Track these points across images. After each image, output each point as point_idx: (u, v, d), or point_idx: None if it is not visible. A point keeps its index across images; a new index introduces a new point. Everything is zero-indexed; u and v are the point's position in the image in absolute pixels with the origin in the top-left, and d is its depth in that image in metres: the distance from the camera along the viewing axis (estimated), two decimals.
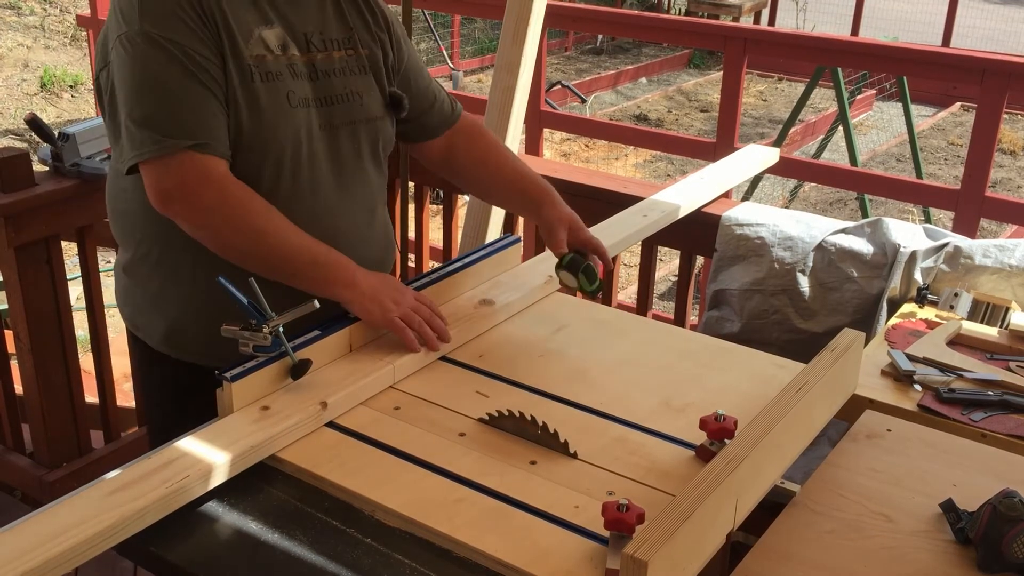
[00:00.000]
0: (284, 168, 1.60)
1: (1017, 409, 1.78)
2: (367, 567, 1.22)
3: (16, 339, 2.57)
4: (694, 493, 1.16)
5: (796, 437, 1.41)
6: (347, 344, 1.61)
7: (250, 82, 1.56)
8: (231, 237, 1.54)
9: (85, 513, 1.22)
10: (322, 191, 1.66)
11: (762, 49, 3.70)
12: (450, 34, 9.31)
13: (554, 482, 1.35)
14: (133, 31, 1.49)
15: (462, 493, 1.32)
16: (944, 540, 1.29)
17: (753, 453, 1.25)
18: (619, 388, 1.59)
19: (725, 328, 2.65)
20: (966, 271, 2.33)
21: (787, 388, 1.39)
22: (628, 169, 7.29)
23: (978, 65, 3.22)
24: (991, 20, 11.54)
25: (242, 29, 1.56)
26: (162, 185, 1.51)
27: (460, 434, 1.46)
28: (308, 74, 1.64)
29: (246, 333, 1.46)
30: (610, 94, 9.25)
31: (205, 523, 1.31)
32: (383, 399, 1.55)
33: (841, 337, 1.55)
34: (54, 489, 2.60)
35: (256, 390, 1.47)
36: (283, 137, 1.59)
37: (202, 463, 1.32)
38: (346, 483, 1.34)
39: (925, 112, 8.55)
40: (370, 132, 1.73)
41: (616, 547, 1.17)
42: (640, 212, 2.45)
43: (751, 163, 2.96)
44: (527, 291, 1.87)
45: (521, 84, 2.65)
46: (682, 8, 10.85)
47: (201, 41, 1.51)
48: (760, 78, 9.62)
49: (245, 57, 1.56)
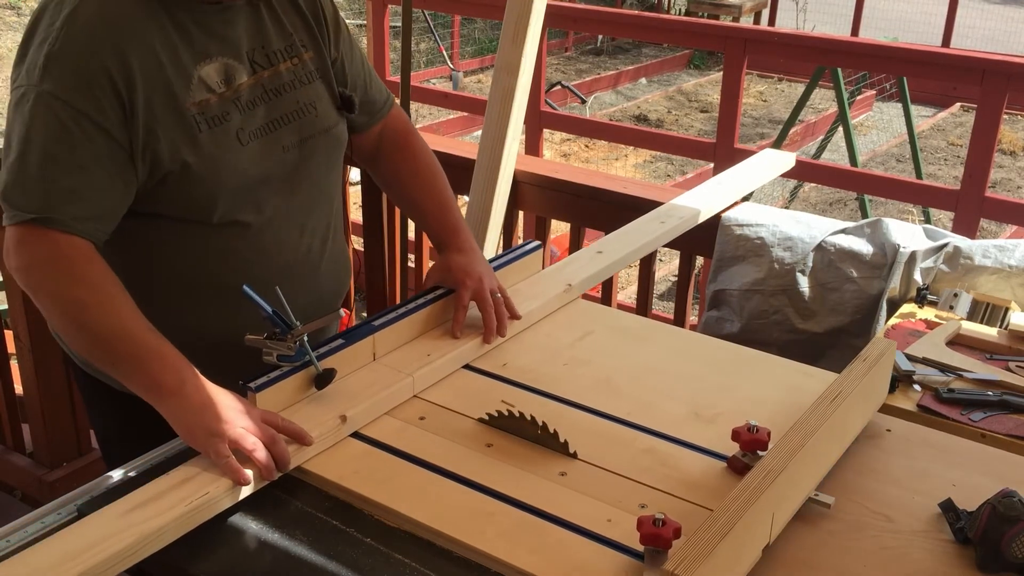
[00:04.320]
0: (240, 207, 1.55)
1: (1016, 409, 1.78)
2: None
3: (16, 339, 2.58)
4: (732, 508, 1.13)
5: (831, 448, 1.38)
6: (371, 353, 1.59)
7: (196, 134, 1.47)
8: (48, 304, 1.41)
9: (103, 532, 1.19)
10: (275, 226, 1.60)
11: (762, 49, 3.70)
12: (450, 34, 9.32)
13: (585, 494, 1.32)
14: (29, 87, 1.40)
15: (493, 506, 1.30)
16: (943, 540, 1.28)
17: (790, 465, 1.23)
18: (646, 397, 1.57)
19: (725, 328, 2.65)
20: (966, 271, 2.33)
21: (822, 398, 1.37)
22: (628, 169, 7.29)
23: (978, 65, 3.23)
24: (991, 20, 11.54)
25: (181, 77, 1.46)
26: (4, 247, 1.42)
27: (487, 444, 1.44)
28: (258, 98, 1.56)
29: (270, 342, 1.43)
30: (610, 94, 9.24)
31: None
32: (407, 409, 1.53)
33: (873, 346, 1.53)
34: (54, 489, 2.60)
35: (280, 401, 1.44)
36: (237, 178, 1.53)
37: (221, 480, 1.29)
38: (374, 495, 1.31)
39: (925, 112, 8.55)
40: (327, 142, 1.67)
41: (653, 563, 1.15)
42: (658, 218, 2.39)
43: (768, 168, 2.92)
44: (548, 298, 1.84)
45: (521, 85, 2.65)
46: (682, 8, 10.84)
47: (101, 110, 1.39)
48: (760, 78, 9.62)
49: (187, 108, 1.46)
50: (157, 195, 1.49)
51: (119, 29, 1.42)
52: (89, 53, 1.39)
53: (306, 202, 1.66)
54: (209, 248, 1.57)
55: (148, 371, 1.36)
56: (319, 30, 1.66)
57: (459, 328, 1.68)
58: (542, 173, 2.88)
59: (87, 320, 1.38)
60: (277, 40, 1.60)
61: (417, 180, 1.85)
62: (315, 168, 1.66)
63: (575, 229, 2.98)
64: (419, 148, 1.87)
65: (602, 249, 2.12)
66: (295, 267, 1.65)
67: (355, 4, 10.83)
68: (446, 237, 1.79)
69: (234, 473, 1.29)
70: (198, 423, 1.32)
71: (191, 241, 1.56)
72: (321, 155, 1.66)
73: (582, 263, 2.04)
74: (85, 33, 1.40)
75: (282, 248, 1.63)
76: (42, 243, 1.39)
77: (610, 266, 2.07)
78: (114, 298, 1.39)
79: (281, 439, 1.35)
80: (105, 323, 1.38)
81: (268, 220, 1.60)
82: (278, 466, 1.34)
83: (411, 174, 1.85)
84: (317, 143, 1.65)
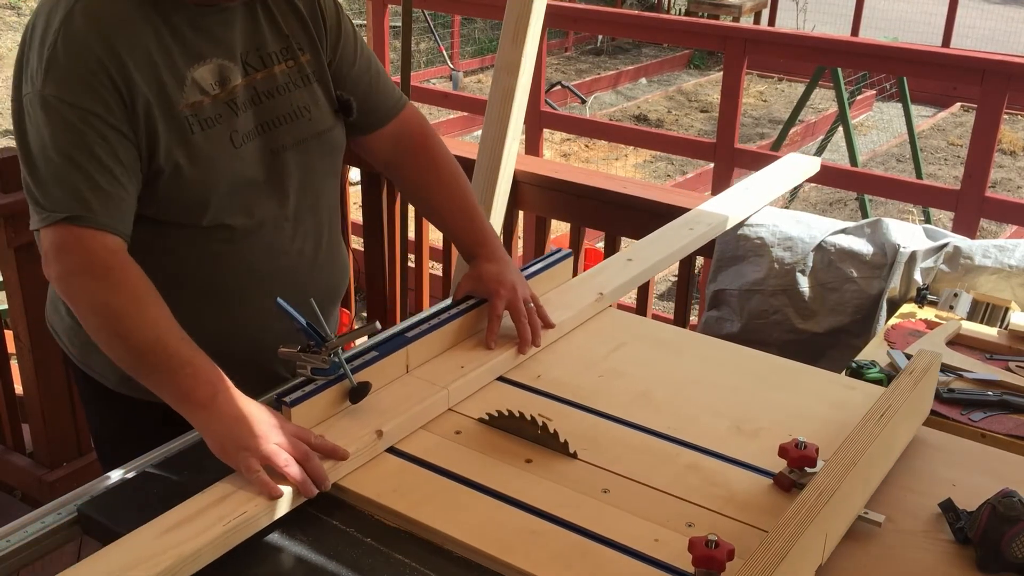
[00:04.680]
0: (231, 210, 1.54)
1: (1017, 409, 1.78)
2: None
3: (16, 339, 2.58)
4: (788, 529, 1.11)
5: (880, 465, 1.37)
6: (404, 365, 1.57)
7: (189, 135, 1.47)
8: (84, 312, 1.41)
9: (140, 554, 1.16)
10: (266, 229, 1.59)
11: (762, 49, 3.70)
12: (450, 34, 9.31)
13: (631, 513, 1.30)
14: (35, 93, 1.40)
15: (537, 525, 1.28)
16: (943, 540, 1.28)
17: (843, 485, 1.21)
18: (687, 411, 1.54)
19: (725, 328, 2.65)
20: (966, 271, 2.33)
21: (870, 414, 1.35)
22: (628, 169, 7.29)
23: (978, 65, 3.23)
24: (991, 20, 11.53)
25: (174, 78, 1.46)
26: (45, 262, 1.42)
27: (527, 460, 1.41)
28: (250, 100, 1.55)
29: (304, 355, 1.40)
30: (610, 94, 9.24)
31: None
32: (443, 423, 1.51)
33: (918, 359, 1.51)
34: (54, 489, 2.61)
35: (314, 415, 1.42)
36: (229, 180, 1.52)
37: (259, 498, 1.26)
38: (414, 514, 1.29)
39: (925, 112, 8.55)
40: (322, 145, 1.65)
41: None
42: (686, 225, 2.35)
43: (793, 173, 2.88)
44: (580, 308, 1.82)
45: (521, 85, 2.65)
46: (682, 8, 10.84)
47: (107, 107, 1.40)
48: (760, 78, 9.62)
49: (180, 110, 1.46)
50: (148, 196, 1.49)
51: (114, 30, 1.42)
52: (87, 53, 1.40)
53: (299, 205, 1.64)
54: (199, 251, 1.56)
55: (180, 383, 1.34)
56: (317, 33, 1.65)
57: (494, 339, 1.66)
58: (542, 173, 2.89)
59: (123, 330, 1.37)
60: (273, 42, 1.60)
61: (441, 190, 1.81)
62: (308, 171, 1.65)
63: (575, 229, 2.98)
64: (438, 154, 1.83)
65: (632, 257, 2.09)
66: (288, 270, 1.64)
67: (355, 4, 10.81)
68: (475, 247, 1.77)
69: (265, 487, 1.26)
70: (229, 437, 1.30)
71: (180, 244, 1.55)
72: (315, 158, 1.65)
73: (613, 271, 2.01)
74: (81, 34, 1.40)
75: (273, 251, 1.61)
76: (78, 246, 1.39)
77: (641, 274, 2.05)
78: (150, 307, 1.38)
79: (315, 456, 1.31)
80: (140, 334, 1.36)
81: (259, 223, 1.59)
82: (316, 484, 1.30)
83: (434, 184, 1.81)
84: (311, 146, 1.63)
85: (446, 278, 3.11)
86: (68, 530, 1.36)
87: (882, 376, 1.84)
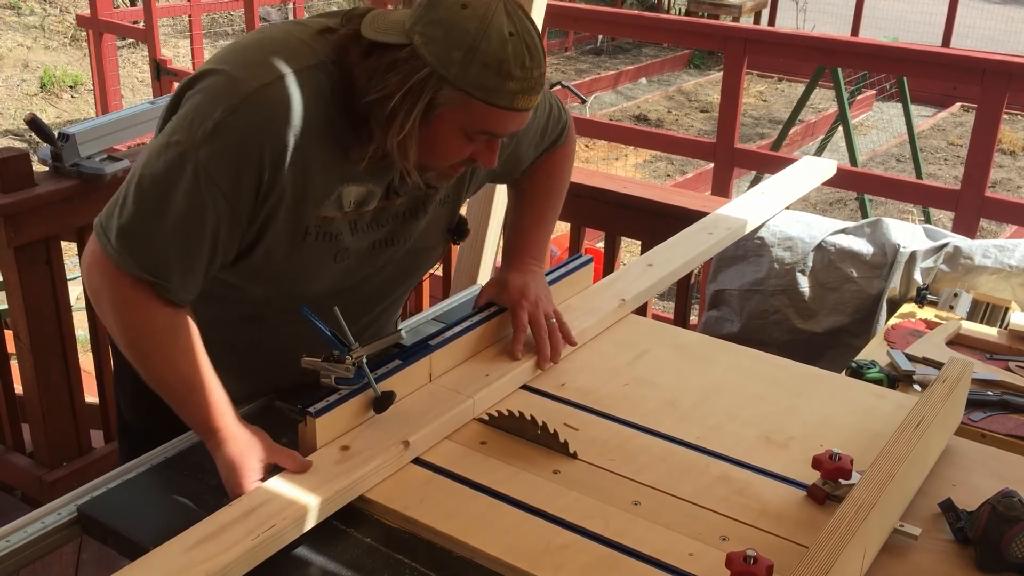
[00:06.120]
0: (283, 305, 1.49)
1: (1017, 409, 1.78)
2: None
3: (16, 339, 2.58)
4: (829, 544, 1.10)
5: (916, 477, 1.35)
6: (427, 374, 1.56)
7: (301, 240, 1.42)
8: (111, 327, 1.40)
9: (167, 570, 1.14)
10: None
11: (762, 49, 3.70)
12: None
13: (662, 525, 1.28)
14: (187, 146, 1.31)
15: (566, 538, 1.25)
16: (943, 540, 1.28)
17: (881, 498, 1.19)
18: (713, 420, 1.52)
19: (725, 328, 2.65)
20: (966, 271, 2.33)
21: (905, 425, 1.33)
22: (628, 169, 7.29)
23: (978, 65, 3.23)
24: (991, 20, 11.54)
25: (324, 187, 1.39)
26: (95, 268, 1.37)
27: (554, 471, 1.39)
28: (375, 222, 1.50)
29: (328, 364, 1.39)
30: (610, 94, 9.24)
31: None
32: (468, 433, 1.49)
33: (950, 367, 1.50)
34: (54, 489, 2.60)
35: (339, 425, 1.40)
36: (304, 289, 1.48)
37: (287, 511, 1.24)
38: (442, 527, 1.27)
39: (925, 112, 8.55)
40: (418, 258, 1.61)
41: None
42: (705, 229, 2.32)
43: (809, 176, 2.87)
44: (602, 315, 1.80)
45: None
46: (682, 8, 10.84)
47: (238, 193, 1.33)
48: (760, 78, 9.62)
49: (308, 219, 1.41)
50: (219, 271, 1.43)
51: (296, 117, 1.34)
52: (254, 141, 1.32)
53: (356, 303, 1.57)
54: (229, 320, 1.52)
55: (193, 416, 1.36)
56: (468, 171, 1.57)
57: (519, 349, 1.64)
58: None
59: (144, 365, 1.38)
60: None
61: (532, 196, 1.79)
62: (388, 280, 1.61)
63: (575, 229, 2.98)
64: (557, 168, 1.79)
65: (652, 262, 2.07)
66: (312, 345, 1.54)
67: (355, 4, 10.82)
68: (513, 254, 1.75)
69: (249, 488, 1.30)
70: (231, 472, 1.32)
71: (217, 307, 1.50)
72: (400, 269, 1.60)
73: (633, 277, 1.98)
74: (263, 116, 1.32)
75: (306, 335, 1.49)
76: (138, 300, 1.35)
77: (662, 279, 2.02)
78: (179, 355, 1.37)
79: (284, 456, 1.34)
80: (159, 370, 1.37)
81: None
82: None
83: (529, 190, 1.79)
84: (403, 261, 1.59)
85: (446, 279, 3.11)
86: (68, 530, 1.36)
87: (882, 376, 1.84)
